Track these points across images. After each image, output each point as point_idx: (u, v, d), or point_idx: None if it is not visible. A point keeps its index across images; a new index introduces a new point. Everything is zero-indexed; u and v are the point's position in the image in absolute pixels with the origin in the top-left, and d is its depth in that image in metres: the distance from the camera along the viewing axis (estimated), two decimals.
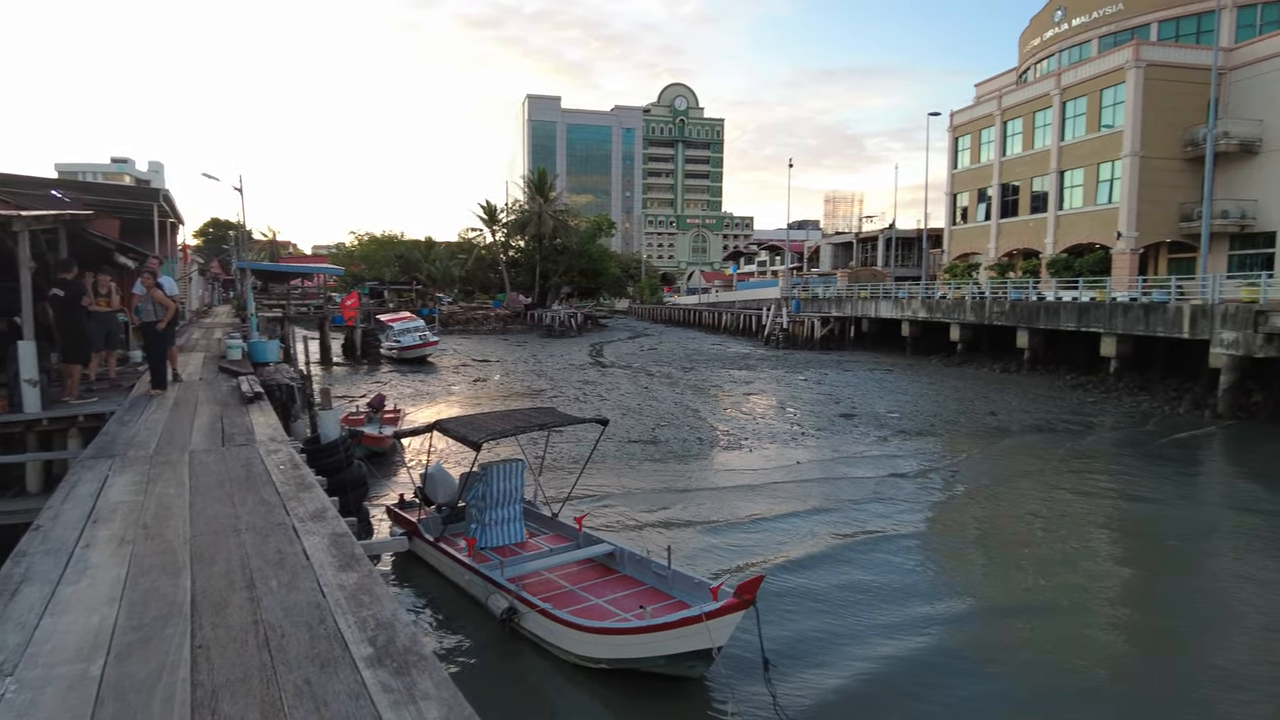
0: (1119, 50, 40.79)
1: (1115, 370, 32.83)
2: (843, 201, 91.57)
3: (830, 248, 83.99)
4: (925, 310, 46.90)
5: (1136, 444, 22.67)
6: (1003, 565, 12.81)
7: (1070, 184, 43.87)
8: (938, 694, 8.51)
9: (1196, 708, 8.40)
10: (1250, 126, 38.58)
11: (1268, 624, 10.61)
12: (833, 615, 10.40)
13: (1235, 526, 15.19)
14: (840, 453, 20.74)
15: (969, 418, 26.26)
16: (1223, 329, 26.72)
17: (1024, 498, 16.76)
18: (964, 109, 53.67)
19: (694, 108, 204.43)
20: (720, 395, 31.44)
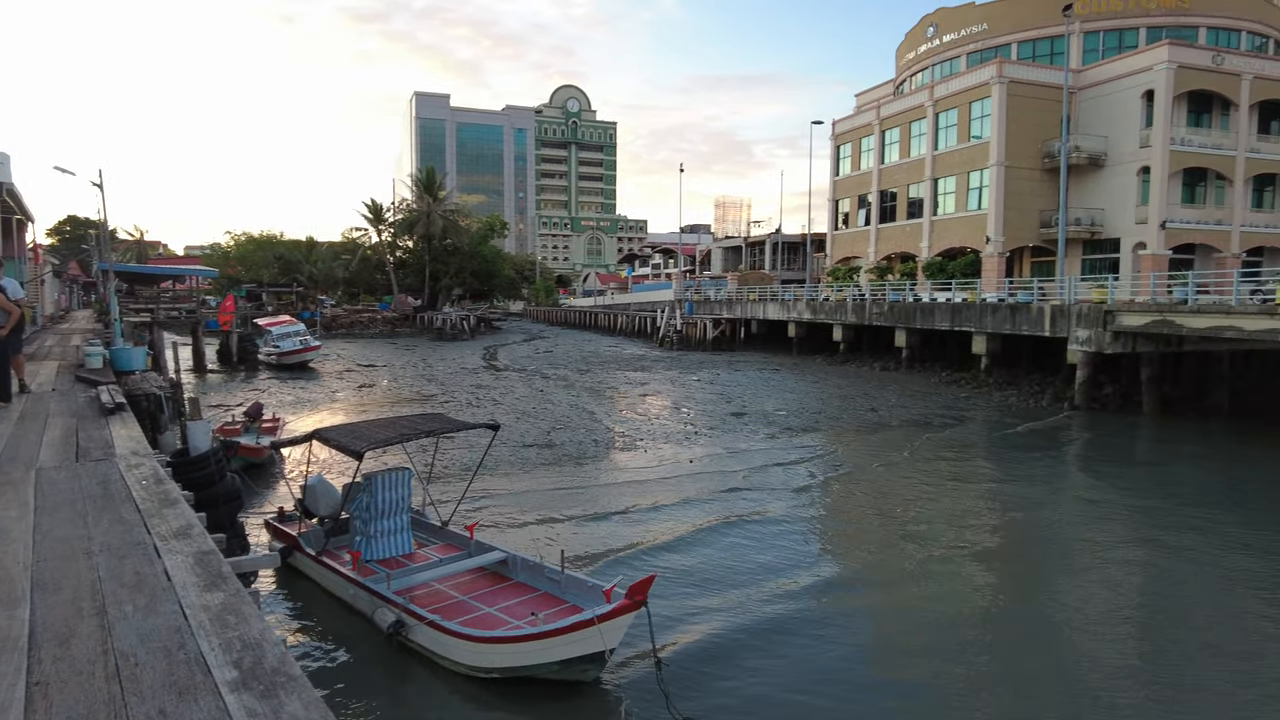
0: (985, 67, 43.44)
1: (985, 367, 34.91)
2: (732, 206, 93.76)
3: (721, 251, 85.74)
4: (810, 312, 48.54)
5: (1004, 435, 24.19)
6: (887, 553, 13.36)
7: (943, 191, 46.37)
8: (826, 684, 8.78)
9: (1048, 669, 9.02)
10: (1097, 142, 41.87)
11: (1107, 581, 11.53)
12: (724, 610, 10.58)
13: (1084, 503, 16.48)
14: (732, 450, 21.17)
15: (851, 414, 27.33)
16: (1078, 327, 28.83)
17: (902, 487, 17.58)
18: (845, 118, 55.88)
19: (586, 110, 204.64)
20: (616, 397, 31.54)
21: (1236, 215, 41.52)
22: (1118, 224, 41.68)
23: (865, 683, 8.91)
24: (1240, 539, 14.13)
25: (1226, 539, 14.11)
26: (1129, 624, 10.70)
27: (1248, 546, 13.71)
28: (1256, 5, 47.90)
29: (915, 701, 8.55)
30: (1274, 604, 11.29)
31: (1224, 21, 46.00)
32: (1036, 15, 46.62)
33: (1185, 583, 12.11)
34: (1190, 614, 10.92)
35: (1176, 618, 10.85)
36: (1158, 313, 26.28)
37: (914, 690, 8.79)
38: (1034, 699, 8.59)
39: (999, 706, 8.47)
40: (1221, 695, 8.62)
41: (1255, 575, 12.38)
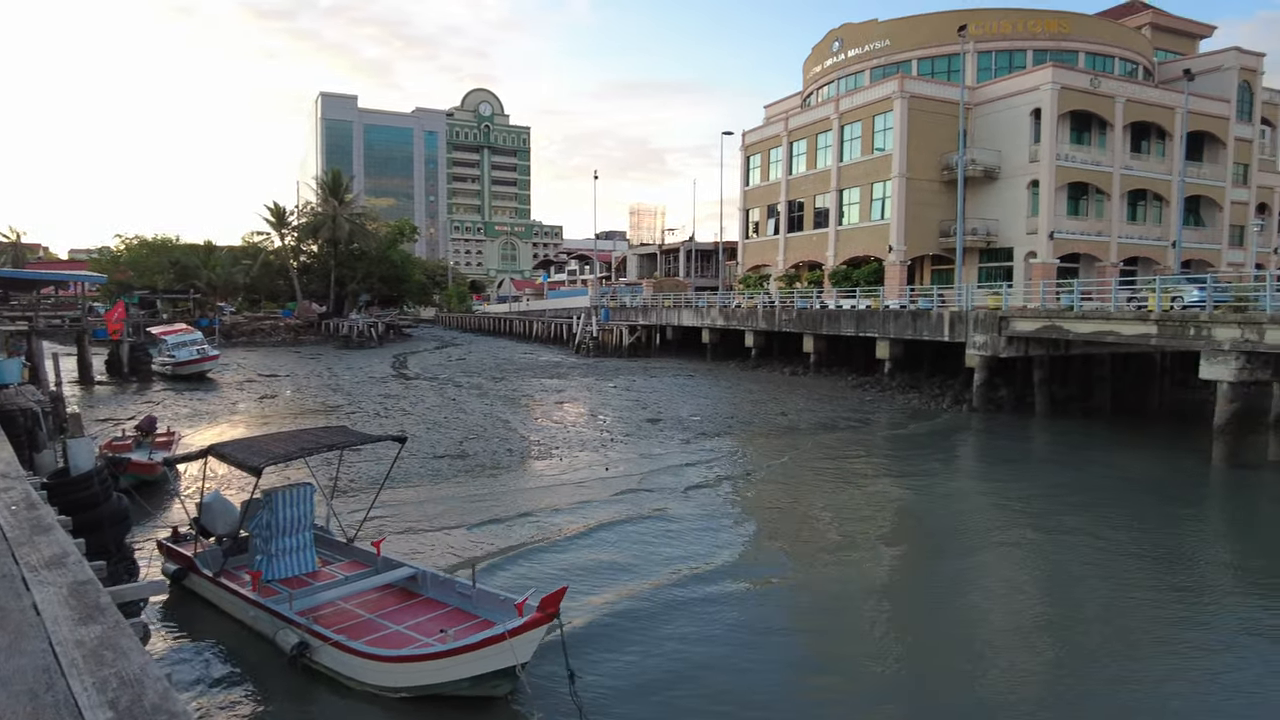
0: (887, 82, 45.14)
1: (889, 371, 36.21)
2: (647, 214, 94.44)
3: (636, 258, 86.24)
4: (723, 318, 49.32)
5: (906, 435, 25.12)
6: (801, 554, 13.63)
7: (848, 201, 47.90)
8: (744, 690, 8.89)
9: (942, 648, 9.41)
10: (991, 156, 44.08)
11: (999, 569, 12.13)
12: (639, 617, 10.59)
13: (979, 498, 17.32)
14: (647, 456, 21.27)
15: (762, 418, 27.87)
16: (975, 333, 30.23)
17: (810, 488, 18.03)
18: (754, 129, 57.08)
19: (500, 114, 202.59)
20: (532, 405, 31.27)
21: (1114, 227, 44.38)
22: (1011, 234, 43.94)
23: (782, 685, 9.06)
24: (1121, 529, 15.07)
25: (1109, 529, 15.02)
26: (1018, 611, 11.26)
27: (1128, 537, 14.64)
28: (1127, 35, 51.45)
29: (830, 707, 8.75)
30: (1149, 588, 12.08)
31: (1099, 48, 49.19)
32: (935, 34, 48.78)
33: (1067, 566, 12.85)
34: (1070, 592, 11.59)
35: (1061, 598, 11.50)
36: (1047, 318, 27.79)
37: (830, 696, 9.00)
38: (929, 677, 8.93)
39: (900, 687, 8.76)
40: (1107, 674, 9.16)
41: (1134, 562, 13.22)
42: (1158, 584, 12.40)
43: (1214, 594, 12.21)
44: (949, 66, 48.32)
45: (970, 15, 47.25)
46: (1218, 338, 21.50)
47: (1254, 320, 20.66)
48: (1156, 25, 55.39)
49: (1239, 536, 15.80)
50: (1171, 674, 9.37)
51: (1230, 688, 9.02)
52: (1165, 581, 12.53)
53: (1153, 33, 54.67)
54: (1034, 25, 48.43)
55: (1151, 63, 52.60)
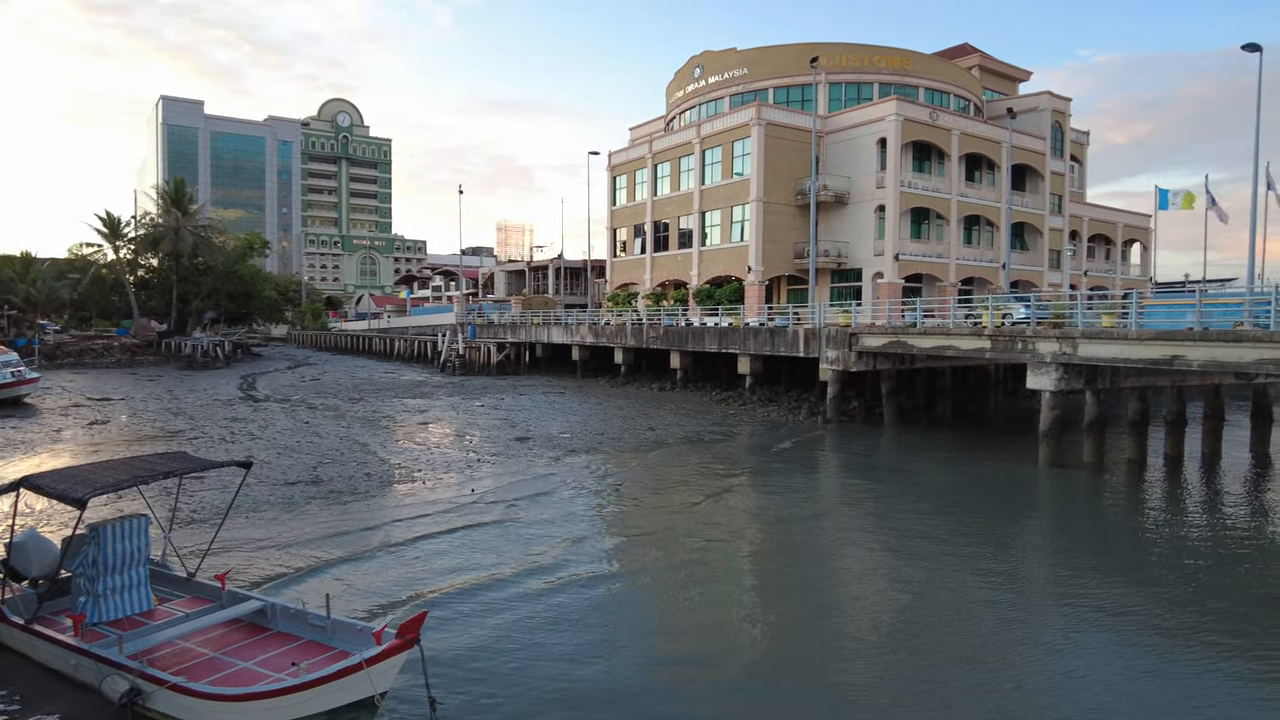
0: (745, 109, 47.04)
1: (750, 385, 37.52)
2: (515, 230, 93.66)
3: (504, 274, 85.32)
4: (593, 336, 49.59)
5: (766, 447, 26.06)
6: (667, 567, 13.82)
7: (710, 223, 49.44)
8: (606, 705, 8.90)
9: (800, 648, 9.82)
10: (842, 182, 46.73)
11: (853, 571, 12.81)
12: (504, 639, 10.41)
13: (834, 503, 18.21)
14: (516, 475, 21.00)
15: (632, 434, 28.16)
16: (828, 348, 31.82)
17: (676, 500, 18.35)
18: (620, 150, 57.98)
19: (359, 125, 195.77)
20: (393, 426, 30.20)
21: (953, 250, 48.01)
22: (860, 256, 46.66)
23: (651, 698, 9.13)
24: (960, 527, 16.26)
25: (950, 528, 16.17)
26: (869, 604, 11.89)
27: (966, 534, 15.81)
28: (960, 74, 56.09)
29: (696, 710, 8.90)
30: (986, 577, 13.07)
31: (937, 85, 53.33)
32: (789, 64, 51.32)
33: (914, 562, 13.70)
34: (923, 590, 12.36)
35: (908, 590, 12.24)
36: (893, 335, 29.64)
37: (692, 701, 9.14)
38: (788, 670, 9.28)
39: (760, 681, 9.04)
40: (958, 661, 9.82)
41: (972, 556, 14.27)
42: (992, 573, 13.45)
43: (1040, 581, 13.37)
44: (803, 96, 50.94)
45: (822, 48, 50.05)
46: (1040, 351, 23.63)
47: (1069, 335, 22.87)
48: (984, 67, 60.65)
49: (1059, 530, 17.36)
50: (1009, 656, 10.16)
51: (1058, 668, 9.88)
52: (997, 569, 13.61)
53: (981, 74, 59.81)
54: (879, 61, 51.88)
55: (981, 101, 57.51)
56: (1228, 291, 36.42)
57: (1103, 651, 10.34)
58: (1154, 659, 10.19)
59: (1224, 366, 19.80)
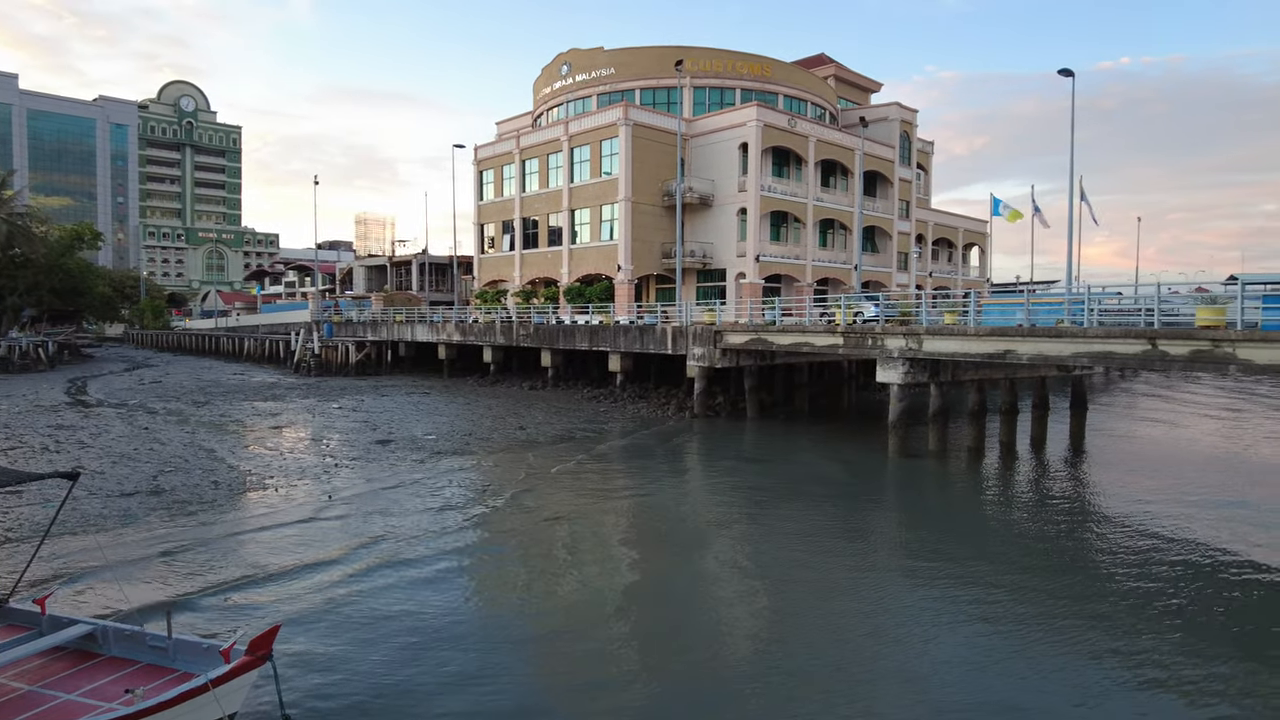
0: (613, 108, 47.34)
1: (621, 383, 37.85)
2: (376, 224, 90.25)
3: (364, 270, 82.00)
4: (460, 334, 48.54)
5: (637, 443, 26.36)
6: (538, 568, 13.73)
7: (580, 222, 49.47)
8: (470, 710, 8.74)
9: (679, 643, 10.04)
10: (706, 184, 47.91)
11: (724, 558, 13.21)
12: (361, 650, 10.03)
13: (703, 494, 18.71)
14: (377, 480, 20.26)
15: (502, 433, 27.78)
16: (694, 346, 32.56)
17: (546, 497, 18.27)
18: (487, 144, 57.01)
19: (205, 110, 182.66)
20: (243, 431, 28.43)
21: (809, 252, 50.23)
22: (724, 256, 48.00)
23: (520, 698, 9.03)
24: (818, 513, 17.06)
25: (809, 514, 16.94)
26: (737, 589, 12.29)
27: (824, 520, 16.60)
28: (816, 83, 58.72)
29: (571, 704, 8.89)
30: (842, 557, 13.78)
31: (795, 92, 55.61)
32: (655, 66, 52.08)
33: (777, 548, 14.28)
34: (783, 574, 12.89)
35: (773, 575, 12.74)
36: (755, 332, 30.67)
37: (570, 704, 9.12)
38: (661, 657, 9.45)
39: (636, 670, 9.16)
40: (809, 634, 10.28)
41: (830, 542, 15.01)
42: (846, 554, 14.20)
43: (888, 561, 14.23)
44: (668, 98, 51.83)
45: (686, 52, 51.10)
46: (889, 347, 25.11)
47: (914, 332, 24.43)
48: (839, 77, 63.80)
49: (907, 514, 18.54)
50: (862, 630, 10.75)
51: (907, 642, 10.54)
52: (850, 550, 14.40)
53: (836, 83, 62.86)
54: (741, 67, 53.52)
55: (836, 109, 60.42)
56: (1051, 293, 39.99)
57: (946, 623, 11.13)
58: (987, 627, 11.06)
59: (1048, 359, 21.74)
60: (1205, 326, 18.22)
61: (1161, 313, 19.75)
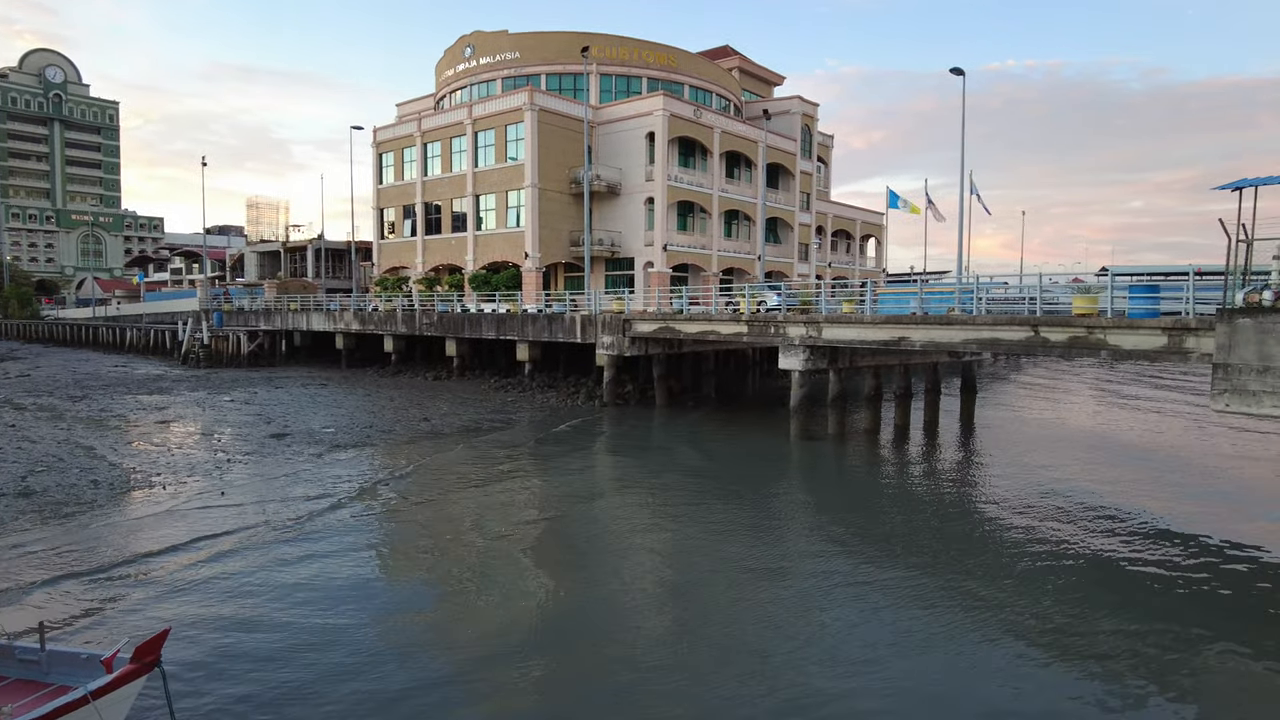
0: (518, 93, 46.61)
1: (529, 372, 37.53)
2: (268, 208, 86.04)
3: (256, 256, 78.21)
4: (359, 323, 47.05)
5: (547, 432, 26.23)
6: (444, 559, 13.47)
7: (485, 207, 48.59)
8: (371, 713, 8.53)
9: (588, 630, 10.07)
10: (614, 173, 47.85)
11: (636, 545, 13.34)
12: (258, 654, 9.64)
13: (612, 482, 18.81)
14: (273, 475, 19.46)
15: (405, 425, 27.12)
16: (603, 334, 32.57)
17: (455, 491, 17.98)
18: (387, 126, 55.22)
19: (76, 83, 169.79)
20: (126, 427, 26.76)
21: (715, 242, 50.94)
22: (632, 245, 48.12)
23: (416, 698, 8.86)
24: (726, 497, 17.40)
25: (717, 497, 17.26)
26: (652, 574, 12.42)
27: (732, 502, 16.94)
28: (722, 75, 59.42)
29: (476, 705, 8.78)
30: (748, 540, 14.10)
31: (701, 83, 56.12)
32: (561, 52, 51.55)
33: (687, 531, 14.51)
34: (692, 555, 13.10)
35: (683, 558, 12.93)
36: (663, 321, 30.93)
37: (476, 697, 9.01)
38: (574, 644, 9.46)
39: (552, 680, 9.13)
40: (719, 613, 10.49)
41: (737, 522, 15.33)
42: (751, 532, 14.54)
43: (791, 538, 14.66)
44: (575, 84, 51.42)
45: (592, 38, 50.77)
46: (790, 335, 25.78)
47: (815, 320, 25.16)
48: (743, 69, 64.71)
49: (807, 494, 19.13)
50: (767, 607, 11.05)
51: (808, 614, 10.89)
52: (755, 529, 14.75)
53: (740, 75, 63.75)
54: (647, 56, 53.59)
55: (740, 101, 61.32)
56: (943, 283, 41.86)
57: (846, 597, 11.56)
58: (883, 599, 11.55)
59: (939, 346, 22.78)
60: (1081, 314, 19.47)
61: (1043, 302, 21.04)
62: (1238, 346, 15.50)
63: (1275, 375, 15.03)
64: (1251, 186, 15.67)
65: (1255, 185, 15.64)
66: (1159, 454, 24.25)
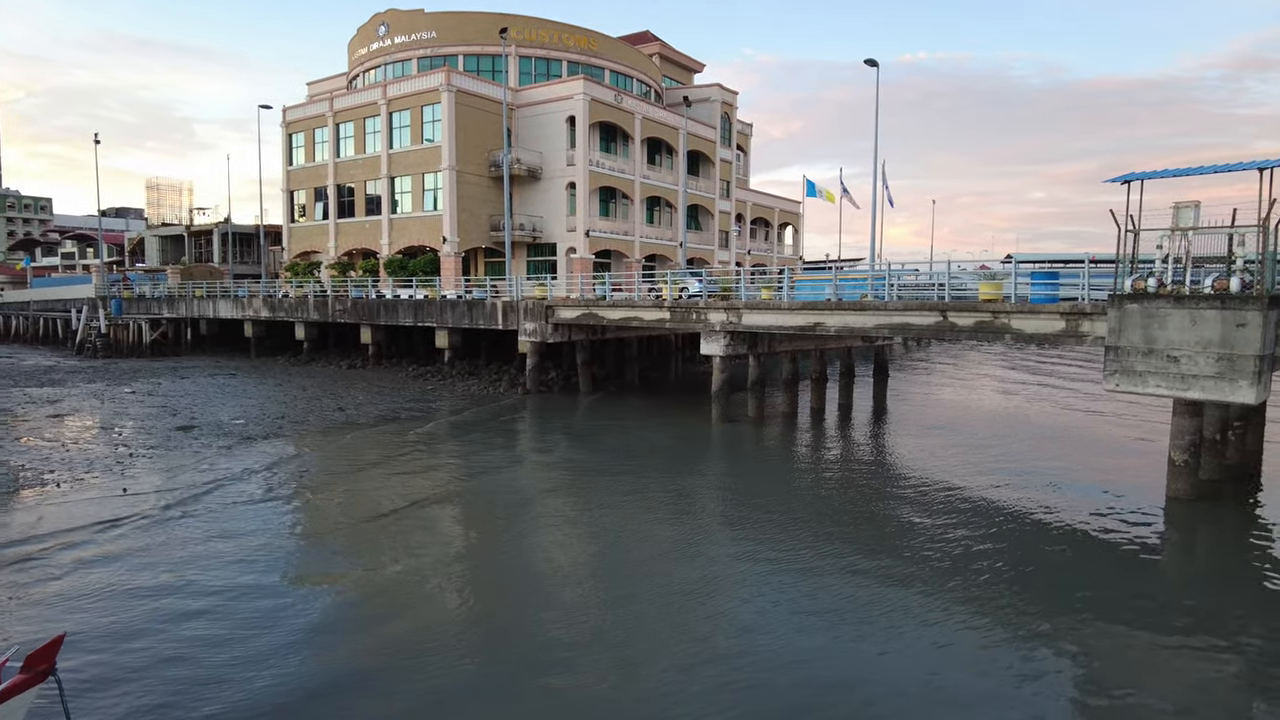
0: (435, 73, 45.49)
1: (449, 360, 36.90)
2: (170, 190, 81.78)
3: (157, 240, 74.33)
4: (269, 310, 45.37)
5: (468, 421, 25.89)
6: (365, 552, 13.16)
7: (401, 190, 47.37)
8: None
9: (517, 617, 10.05)
10: (534, 157, 47.32)
11: (563, 531, 13.34)
12: (163, 657, 9.26)
13: (538, 470, 18.74)
14: (179, 469, 18.62)
15: (318, 415, 26.33)
16: (526, 321, 32.29)
17: (373, 483, 17.56)
18: (297, 106, 53.17)
19: None
20: (13, 422, 25.12)
21: (637, 228, 51.02)
22: (554, 230, 47.75)
23: (336, 697, 8.67)
24: (649, 481, 17.56)
25: (642, 479, 17.40)
26: (577, 557, 12.44)
27: (656, 484, 17.11)
28: (642, 60, 59.33)
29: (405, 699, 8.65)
30: (669, 523, 14.28)
31: (622, 68, 55.93)
32: (479, 32, 50.52)
33: (612, 514, 14.58)
34: (617, 538, 13.18)
35: (609, 540, 13.00)
36: (586, 307, 30.86)
37: (402, 689, 8.87)
38: (502, 631, 9.42)
39: (474, 646, 9.07)
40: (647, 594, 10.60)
41: (660, 504, 15.50)
42: (674, 513, 14.73)
43: (712, 518, 14.93)
44: (493, 66, 50.54)
45: (511, 20, 49.94)
46: (712, 321, 26.11)
47: (735, 307, 25.54)
48: (664, 56, 64.76)
49: (728, 475, 19.48)
50: (691, 584, 11.23)
51: (729, 589, 11.12)
52: (678, 510, 14.95)
53: (661, 62, 63.79)
54: (568, 39, 53.05)
55: (660, 87, 61.39)
56: (857, 270, 43.03)
57: (765, 572, 11.85)
58: (798, 575, 11.90)
59: (853, 331, 23.46)
60: (987, 300, 20.34)
61: (951, 288, 21.87)
62: (1126, 330, 16.48)
63: (1159, 356, 16.05)
64: (1138, 180, 16.64)
65: (1141, 179, 16.61)
66: (1058, 430, 25.61)
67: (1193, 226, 16.09)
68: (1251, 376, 15.00)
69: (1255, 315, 14.90)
